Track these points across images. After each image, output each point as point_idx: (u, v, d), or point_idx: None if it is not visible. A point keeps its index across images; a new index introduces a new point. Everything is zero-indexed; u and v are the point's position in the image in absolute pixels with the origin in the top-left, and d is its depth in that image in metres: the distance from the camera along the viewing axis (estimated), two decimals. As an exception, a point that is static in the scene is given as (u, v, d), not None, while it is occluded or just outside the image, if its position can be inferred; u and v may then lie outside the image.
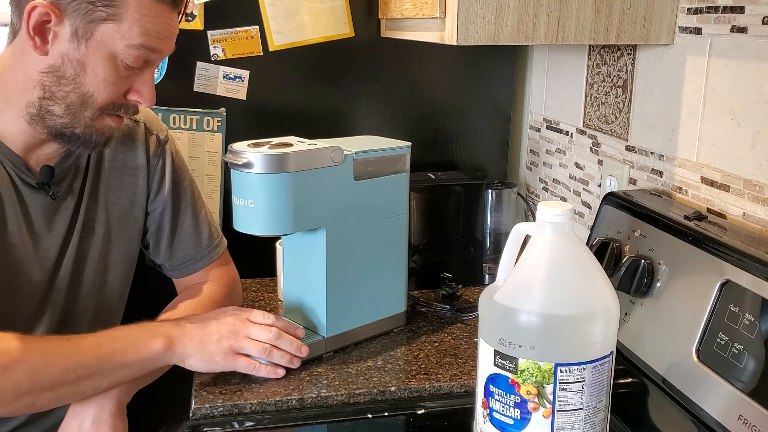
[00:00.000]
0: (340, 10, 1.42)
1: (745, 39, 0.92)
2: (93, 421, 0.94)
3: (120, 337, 0.98)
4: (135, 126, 1.14)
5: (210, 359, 1.01)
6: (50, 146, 1.03)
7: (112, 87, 0.96)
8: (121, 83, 0.97)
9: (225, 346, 1.01)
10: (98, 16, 0.91)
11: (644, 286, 0.98)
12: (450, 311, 1.29)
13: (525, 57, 1.59)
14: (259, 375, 1.03)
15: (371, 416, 0.99)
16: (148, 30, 0.94)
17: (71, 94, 0.95)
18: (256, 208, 1.02)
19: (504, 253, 0.82)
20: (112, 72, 0.95)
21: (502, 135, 1.57)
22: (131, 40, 0.93)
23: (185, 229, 1.18)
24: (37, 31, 0.92)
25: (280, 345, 1.04)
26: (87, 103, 0.96)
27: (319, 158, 1.05)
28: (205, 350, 1.01)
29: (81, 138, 0.99)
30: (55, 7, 0.91)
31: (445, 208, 1.40)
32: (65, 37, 0.92)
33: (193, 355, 1.00)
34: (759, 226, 0.92)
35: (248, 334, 1.03)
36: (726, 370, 0.82)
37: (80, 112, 0.97)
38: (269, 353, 1.03)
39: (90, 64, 0.94)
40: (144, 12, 0.93)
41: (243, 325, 1.04)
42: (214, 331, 1.02)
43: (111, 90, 0.96)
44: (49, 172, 1.03)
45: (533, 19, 1.03)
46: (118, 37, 0.93)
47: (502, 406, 0.77)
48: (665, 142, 1.10)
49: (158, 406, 1.19)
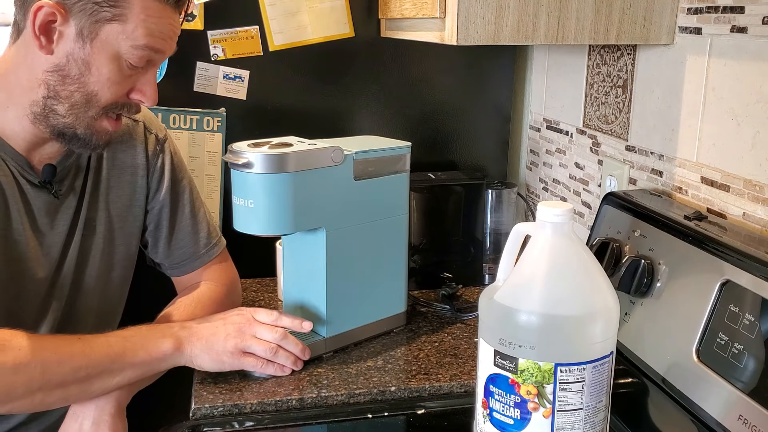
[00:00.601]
0: (340, 10, 1.42)
1: (745, 39, 0.92)
2: (93, 422, 0.94)
3: (131, 336, 0.99)
4: (134, 125, 1.15)
5: (218, 358, 1.02)
6: (52, 145, 1.04)
7: (116, 86, 0.97)
8: (125, 83, 0.98)
9: (231, 345, 1.02)
10: (104, 16, 0.92)
11: (644, 286, 0.98)
12: (450, 311, 1.29)
13: (525, 57, 1.59)
14: (266, 373, 1.04)
15: (371, 416, 0.99)
16: (153, 31, 0.95)
17: (75, 93, 0.96)
18: (256, 208, 1.02)
19: (504, 253, 0.82)
20: (116, 72, 0.96)
21: (502, 135, 1.57)
22: (136, 41, 0.94)
23: (183, 228, 1.18)
24: (43, 30, 0.93)
25: (285, 346, 1.05)
26: (91, 102, 0.97)
27: (319, 158, 1.05)
28: (213, 350, 1.02)
29: (81, 139, 1.00)
30: (61, 7, 0.91)
31: (445, 208, 1.40)
32: (70, 37, 0.93)
33: (200, 355, 1.01)
34: (759, 226, 0.92)
35: (254, 333, 1.04)
36: (726, 370, 0.82)
37: (84, 112, 0.97)
38: (275, 353, 1.04)
39: (95, 63, 0.94)
40: (149, 13, 0.94)
41: (249, 325, 1.04)
42: (221, 331, 1.03)
43: (115, 89, 0.97)
44: (52, 170, 1.04)
45: (533, 19, 1.03)
46: (122, 37, 0.93)
47: (502, 406, 0.77)
48: (665, 142, 1.10)
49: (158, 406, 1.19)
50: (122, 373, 0.97)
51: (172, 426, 0.96)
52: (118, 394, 0.97)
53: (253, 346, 1.03)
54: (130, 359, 0.97)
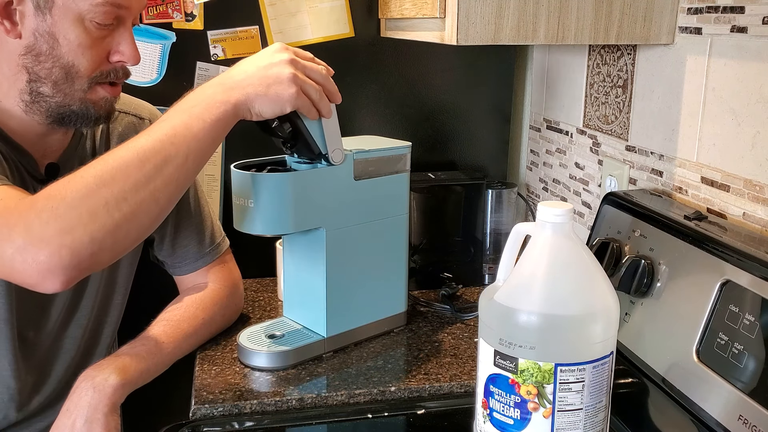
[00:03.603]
0: (340, 10, 1.42)
1: (745, 39, 0.93)
2: (85, 420, 0.93)
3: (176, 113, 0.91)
4: (140, 123, 1.15)
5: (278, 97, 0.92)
6: (53, 138, 1.04)
7: (90, 51, 0.96)
8: (98, 46, 0.96)
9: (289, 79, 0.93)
10: None
11: (644, 286, 0.98)
12: (450, 311, 1.29)
13: (525, 57, 1.59)
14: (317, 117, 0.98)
15: (371, 416, 0.99)
16: None
17: (54, 69, 0.95)
18: (256, 208, 1.02)
19: (504, 253, 0.82)
20: (83, 35, 0.95)
21: (502, 135, 1.57)
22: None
23: (187, 226, 1.18)
24: (4, 15, 0.93)
25: (327, 85, 0.99)
26: (71, 74, 0.96)
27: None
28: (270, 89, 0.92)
29: (79, 114, 0.99)
30: None
31: (445, 208, 1.40)
32: (30, 13, 0.93)
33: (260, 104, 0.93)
34: (759, 226, 0.92)
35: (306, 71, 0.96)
36: (726, 370, 0.82)
37: (69, 87, 0.97)
38: (320, 95, 0.97)
39: (60, 32, 0.94)
40: None
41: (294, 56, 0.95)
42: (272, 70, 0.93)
43: (90, 55, 0.96)
44: (55, 169, 1.04)
45: (533, 19, 1.03)
46: None
47: (502, 406, 0.77)
48: (665, 142, 1.10)
49: (158, 406, 1.19)
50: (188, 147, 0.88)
51: (172, 426, 0.96)
52: (112, 394, 0.96)
53: (309, 89, 0.95)
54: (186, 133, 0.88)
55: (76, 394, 0.94)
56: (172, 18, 1.35)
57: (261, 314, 1.28)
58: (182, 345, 1.08)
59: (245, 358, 1.09)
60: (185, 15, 1.35)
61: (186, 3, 1.35)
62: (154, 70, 1.36)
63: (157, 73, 1.36)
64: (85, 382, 0.95)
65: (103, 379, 0.95)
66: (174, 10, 1.35)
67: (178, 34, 1.36)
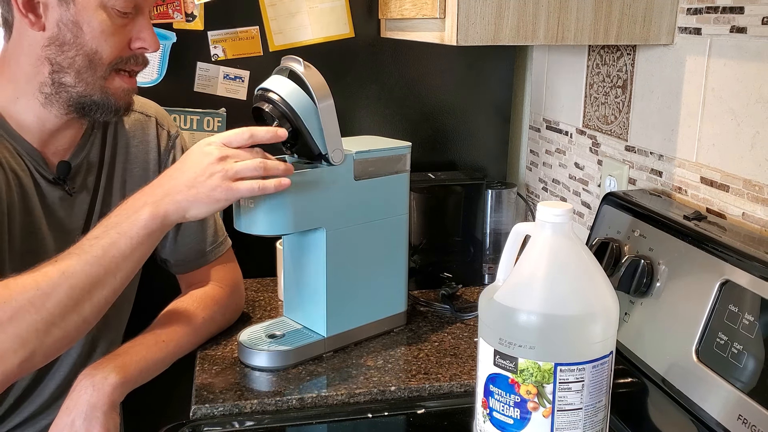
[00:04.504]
0: (340, 10, 1.42)
1: (745, 39, 0.93)
2: (84, 419, 0.93)
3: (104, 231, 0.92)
4: (147, 120, 1.16)
5: (209, 199, 0.93)
6: (65, 134, 1.05)
7: (112, 38, 0.99)
8: (120, 33, 0.99)
9: (218, 178, 0.92)
10: None
11: (644, 286, 0.98)
12: (450, 311, 1.29)
13: (525, 57, 1.59)
14: (267, 192, 0.96)
15: (371, 416, 1.00)
16: None
17: (77, 57, 0.98)
18: (256, 208, 1.02)
19: (504, 253, 0.82)
20: (106, 22, 0.98)
21: (502, 135, 1.57)
22: None
23: (190, 225, 1.19)
24: (28, 8, 0.95)
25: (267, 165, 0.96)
26: (94, 62, 0.99)
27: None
28: (200, 193, 0.92)
29: (101, 105, 1.02)
30: None
31: (445, 208, 1.40)
32: (54, 4, 0.96)
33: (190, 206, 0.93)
34: (758, 226, 0.92)
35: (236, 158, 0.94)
36: (726, 370, 0.82)
37: (92, 75, 0.99)
38: (265, 168, 0.95)
39: (84, 20, 0.96)
40: None
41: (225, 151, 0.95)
42: (201, 171, 0.93)
43: (112, 41, 0.99)
44: (66, 167, 1.06)
45: (533, 20, 1.03)
46: None
47: (502, 406, 0.77)
48: (665, 142, 1.10)
49: (158, 406, 1.19)
50: (117, 266, 0.91)
51: (172, 426, 0.96)
52: (111, 392, 0.96)
53: (242, 170, 0.93)
54: (115, 252, 0.91)
55: (76, 393, 0.94)
56: (173, 18, 1.35)
57: (261, 314, 1.28)
58: (182, 344, 1.08)
59: (245, 358, 1.09)
60: (186, 15, 1.36)
61: (186, 3, 1.35)
62: (155, 71, 1.36)
63: (157, 73, 1.36)
64: (85, 381, 0.95)
65: (102, 378, 0.95)
66: (174, 11, 1.35)
67: (179, 35, 1.36)
